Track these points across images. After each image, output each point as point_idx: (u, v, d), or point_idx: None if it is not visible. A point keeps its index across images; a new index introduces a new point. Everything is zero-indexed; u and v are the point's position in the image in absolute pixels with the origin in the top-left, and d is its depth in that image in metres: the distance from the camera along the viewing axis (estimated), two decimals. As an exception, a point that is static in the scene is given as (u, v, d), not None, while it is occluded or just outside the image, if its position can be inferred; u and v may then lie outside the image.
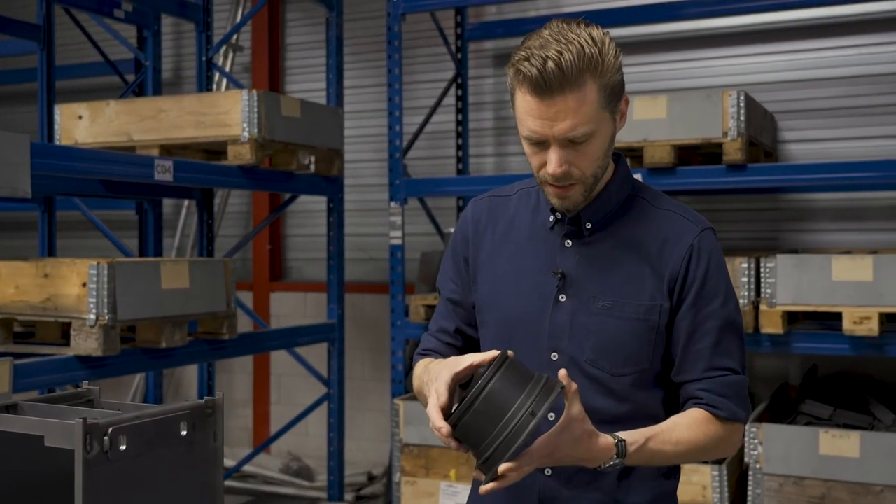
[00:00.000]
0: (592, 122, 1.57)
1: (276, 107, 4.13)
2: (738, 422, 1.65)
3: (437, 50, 5.80)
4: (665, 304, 1.64)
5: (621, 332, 1.63)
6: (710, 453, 1.66)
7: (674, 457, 1.61)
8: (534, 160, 1.63)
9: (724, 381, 1.64)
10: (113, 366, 3.41)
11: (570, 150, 1.58)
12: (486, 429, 1.42)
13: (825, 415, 4.32)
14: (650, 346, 1.64)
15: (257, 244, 6.50)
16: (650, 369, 1.66)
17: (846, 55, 5.01)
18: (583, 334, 1.62)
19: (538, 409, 1.40)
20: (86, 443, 1.35)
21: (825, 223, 5.10)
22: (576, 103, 1.54)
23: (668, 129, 4.15)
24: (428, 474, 4.60)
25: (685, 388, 1.66)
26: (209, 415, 1.57)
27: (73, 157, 3.51)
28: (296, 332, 4.82)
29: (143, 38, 5.38)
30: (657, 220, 1.68)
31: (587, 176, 1.61)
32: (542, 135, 1.57)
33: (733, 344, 1.66)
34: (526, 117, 1.58)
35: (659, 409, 1.68)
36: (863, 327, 3.80)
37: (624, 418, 1.62)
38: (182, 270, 3.62)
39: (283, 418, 6.01)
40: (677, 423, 1.62)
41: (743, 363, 1.67)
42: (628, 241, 1.67)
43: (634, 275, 1.65)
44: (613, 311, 1.64)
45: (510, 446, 1.40)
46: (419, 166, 5.70)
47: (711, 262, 1.66)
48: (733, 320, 1.67)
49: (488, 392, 1.42)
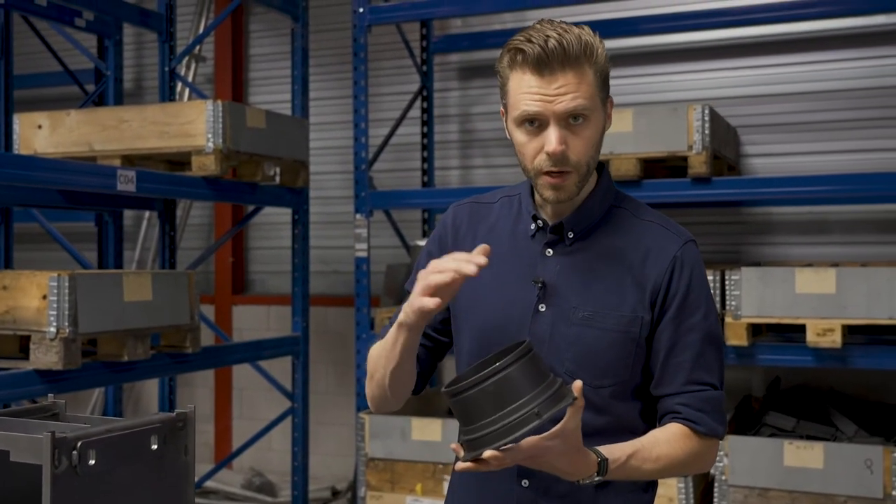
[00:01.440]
0: (591, 100, 1.58)
1: (241, 117, 4.09)
2: (715, 437, 1.64)
3: (402, 62, 5.79)
4: (646, 316, 1.63)
5: (601, 343, 1.62)
6: (688, 469, 1.64)
7: (653, 473, 1.60)
8: (528, 148, 1.61)
9: (702, 395, 1.63)
10: (73, 380, 3.33)
11: (567, 131, 1.58)
12: (487, 411, 1.39)
13: (789, 426, 4.36)
14: (630, 357, 1.63)
15: (219, 257, 6.43)
16: (630, 381, 1.64)
17: (807, 71, 5.09)
18: (562, 345, 1.61)
19: (544, 412, 1.37)
20: (54, 457, 1.31)
21: (788, 236, 5.16)
22: (576, 80, 1.56)
23: (634, 142, 4.18)
24: (394, 489, 4.56)
25: (664, 401, 1.65)
26: (180, 428, 1.54)
27: (33, 166, 3.43)
28: (260, 346, 4.76)
29: (104, 48, 5.30)
30: (640, 231, 1.68)
31: (581, 164, 1.61)
32: (542, 112, 1.56)
33: (713, 358, 1.65)
34: (523, 97, 1.58)
35: (637, 421, 1.67)
36: (826, 339, 3.83)
37: (602, 430, 1.61)
38: (145, 283, 3.56)
39: (246, 433, 5.93)
40: (658, 438, 1.60)
41: (722, 378, 1.66)
42: (610, 251, 1.66)
43: (616, 285, 1.64)
44: (594, 321, 1.62)
45: (504, 437, 1.38)
46: (385, 179, 5.68)
47: (694, 275, 1.65)
48: (714, 334, 1.66)
49: (503, 377, 1.39)
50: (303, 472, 4.81)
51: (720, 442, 4.01)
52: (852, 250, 4.98)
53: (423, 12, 4.86)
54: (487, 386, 1.39)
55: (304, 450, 4.80)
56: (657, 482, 1.75)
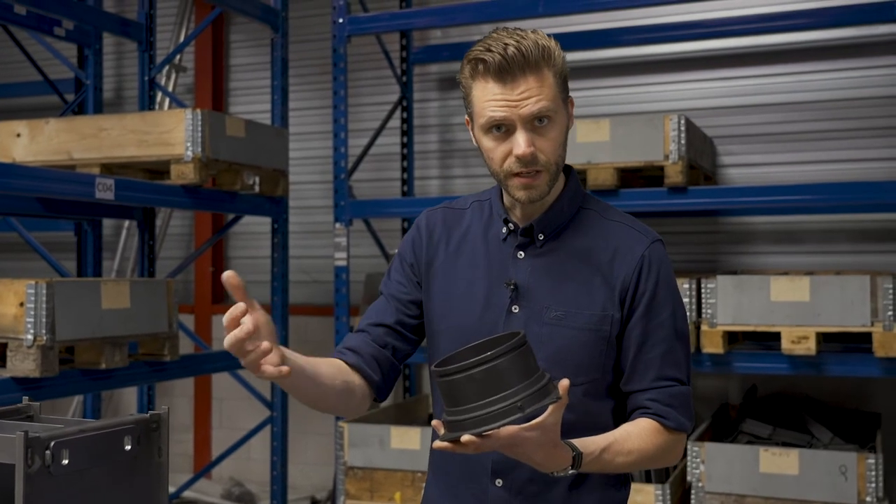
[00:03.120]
0: (553, 102, 1.62)
1: (220, 126, 4.10)
2: (683, 431, 1.68)
3: (382, 73, 5.82)
4: (616, 315, 1.66)
5: (573, 343, 1.65)
6: (657, 462, 1.68)
7: (625, 466, 1.63)
8: (496, 153, 1.64)
9: (671, 391, 1.67)
10: (51, 387, 3.32)
11: (534, 133, 1.62)
12: (471, 397, 1.41)
13: (765, 434, 4.40)
14: (602, 356, 1.66)
15: (199, 266, 6.41)
16: (602, 379, 1.68)
17: (783, 82, 5.15)
18: (535, 344, 1.63)
19: (527, 407, 1.40)
20: (27, 457, 1.32)
21: (763, 245, 5.21)
22: (538, 83, 1.61)
23: (611, 152, 4.21)
24: (373, 497, 4.56)
25: (633, 397, 1.69)
26: (154, 429, 1.54)
27: (11, 174, 3.43)
28: (239, 355, 4.75)
29: (84, 57, 5.31)
30: (608, 232, 1.72)
31: (551, 163, 1.64)
32: (508, 118, 1.60)
33: (681, 354, 1.69)
34: (488, 105, 1.61)
35: (608, 418, 1.70)
36: (801, 346, 3.88)
37: (575, 428, 1.63)
38: (123, 290, 3.56)
39: (226, 443, 5.92)
40: (630, 432, 1.64)
41: (689, 373, 1.71)
42: (580, 252, 1.70)
43: (586, 285, 1.67)
44: (565, 321, 1.66)
45: (484, 425, 1.40)
46: (364, 188, 5.70)
47: (661, 273, 1.69)
48: (682, 331, 1.70)
49: (492, 367, 1.41)
50: (282, 481, 4.80)
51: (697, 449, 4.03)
52: (827, 259, 5.04)
53: (403, 23, 4.90)
54: (476, 373, 1.41)
55: (283, 459, 4.80)
56: (630, 481, 1.78)
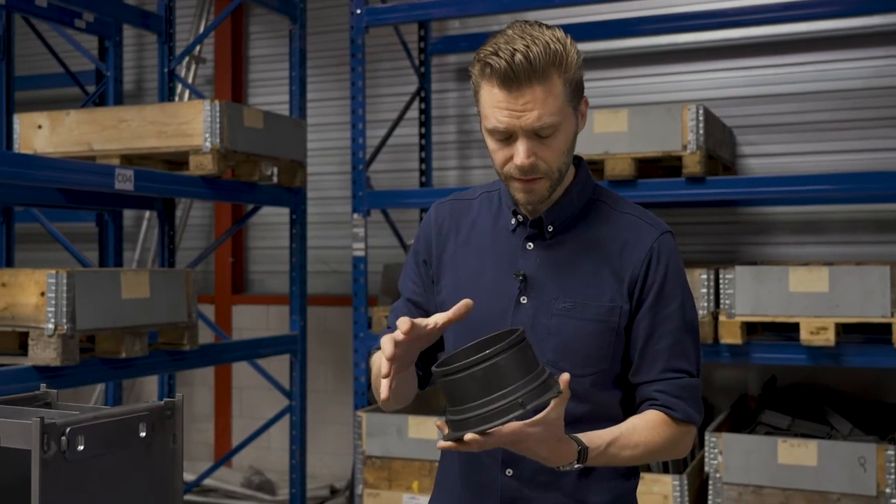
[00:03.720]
0: (558, 114, 1.59)
1: (238, 117, 4.12)
2: (691, 423, 1.68)
3: (400, 63, 5.82)
4: (625, 306, 1.66)
5: (582, 334, 1.65)
6: (665, 454, 1.68)
7: (631, 459, 1.63)
8: (499, 155, 1.64)
9: (679, 383, 1.67)
10: (71, 376, 3.36)
11: (536, 142, 1.60)
12: (473, 395, 1.42)
13: (783, 425, 4.38)
14: (609, 347, 1.66)
15: (219, 257, 6.46)
16: (609, 370, 1.68)
17: (803, 72, 5.11)
18: (544, 335, 1.64)
19: (528, 402, 1.40)
20: (43, 443, 1.34)
21: (783, 236, 5.18)
22: (543, 94, 1.57)
23: (629, 142, 4.20)
24: (391, 486, 4.58)
25: (641, 388, 1.69)
26: (168, 416, 1.56)
27: (32, 164, 3.47)
28: (257, 344, 4.79)
29: (104, 49, 5.34)
30: (617, 224, 1.71)
31: (553, 170, 1.63)
32: (510, 126, 1.59)
33: (690, 346, 1.69)
34: (493, 110, 1.60)
35: (617, 409, 1.71)
36: (819, 337, 3.86)
37: (584, 418, 1.64)
38: (142, 280, 3.59)
39: (245, 432, 5.96)
40: (636, 426, 1.64)
41: (698, 366, 1.70)
42: (589, 243, 1.69)
43: (595, 277, 1.67)
44: (574, 312, 1.66)
45: (486, 423, 1.41)
46: (382, 179, 5.71)
47: (670, 265, 1.68)
48: (691, 322, 1.70)
49: (492, 364, 1.42)
50: (301, 470, 4.83)
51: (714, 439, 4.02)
52: (847, 250, 5.01)
53: (421, 13, 4.89)
54: (476, 371, 1.42)
55: (301, 448, 4.83)
56: (639, 470, 1.79)
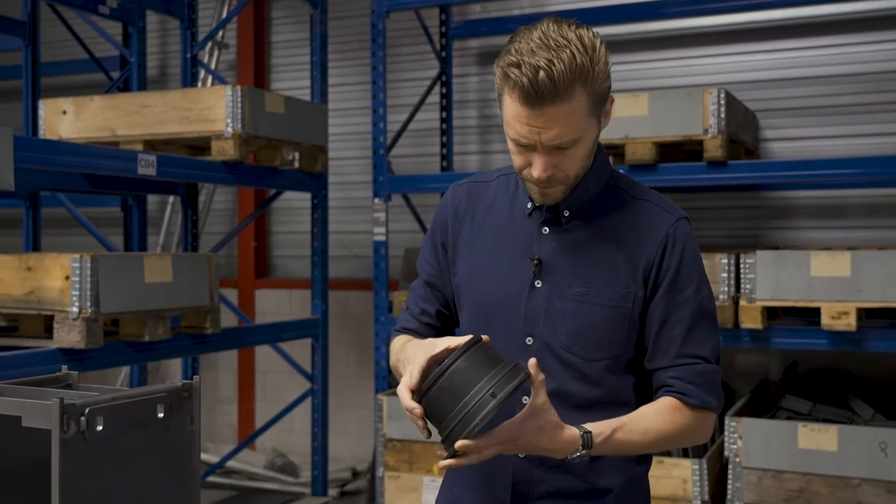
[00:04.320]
0: (579, 130, 1.58)
1: (259, 103, 4.14)
2: (708, 410, 1.67)
3: (421, 48, 5.82)
4: (639, 292, 1.66)
5: (595, 318, 1.65)
6: (680, 441, 1.67)
7: (642, 446, 1.63)
8: (518, 159, 1.64)
9: (695, 369, 1.66)
10: (96, 358, 3.41)
11: (555, 155, 1.60)
12: (448, 406, 1.46)
13: (805, 410, 4.37)
14: (623, 332, 1.67)
15: (242, 241, 6.51)
16: (623, 355, 1.68)
17: (827, 54, 5.07)
18: (557, 320, 1.65)
19: (499, 391, 1.42)
20: (62, 423, 1.37)
21: (806, 220, 5.15)
22: (565, 114, 1.54)
23: (650, 126, 4.19)
24: (411, 469, 4.62)
25: (657, 375, 1.69)
26: (186, 398, 1.59)
27: (56, 150, 3.52)
28: (279, 328, 4.84)
29: (128, 35, 5.39)
30: (633, 210, 1.71)
31: (570, 177, 1.64)
32: (530, 140, 1.58)
33: (706, 332, 1.68)
34: (514, 122, 1.59)
35: (631, 394, 1.71)
36: (841, 322, 3.84)
37: (597, 403, 1.65)
38: (165, 264, 3.64)
39: (269, 415, 6.02)
40: (646, 412, 1.64)
41: (716, 352, 1.69)
42: (605, 229, 1.69)
43: (610, 262, 1.67)
44: (588, 297, 1.66)
45: (468, 424, 1.44)
46: (404, 164, 5.73)
47: (686, 251, 1.68)
48: (706, 309, 1.69)
49: (453, 370, 1.46)
50: (322, 452, 4.88)
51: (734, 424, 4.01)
52: (870, 234, 4.97)
53: (442, -2, 4.89)
54: (442, 382, 1.46)
55: (323, 430, 4.88)
56: (651, 455, 1.79)
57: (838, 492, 3.84)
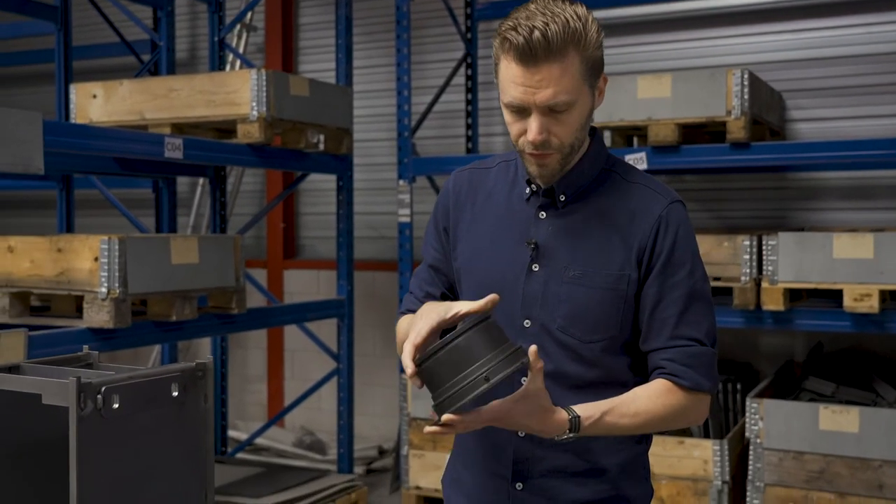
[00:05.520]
0: (573, 92, 1.62)
1: (284, 86, 4.19)
2: (702, 392, 1.69)
3: (446, 30, 5.84)
4: (633, 274, 1.69)
5: (591, 301, 1.69)
6: (673, 423, 1.69)
7: (632, 428, 1.66)
8: (514, 128, 1.68)
9: (688, 351, 1.68)
10: (124, 338, 3.50)
11: (550, 118, 1.64)
12: (443, 378, 1.49)
13: (828, 391, 4.37)
14: (619, 314, 1.70)
15: (271, 222, 6.59)
16: (619, 336, 1.71)
17: (855, 34, 5.01)
18: (554, 302, 1.68)
19: (493, 376, 1.46)
20: (79, 400, 1.43)
21: (832, 202, 5.12)
22: (559, 72, 1.60)
23: (673, 107, 4.19)
24: (435, 447, 4.68)
25: (651, 357, 1.71)
26: (200, 377, 1.64)
27: (85, 134, 3.59)
28: (305, 308, 4.91)
29: (157, 19, 5.46)
30: (628, 194, 1.74)
31: (565, 145, 1.67)
32: (524, 102, 1.62)
33: (700, 314, 1.70)
34: (509, 84, 1.64)
35: (628, 374, 1.74)
36: (863, 304, 3.83)
37: (594, 383, 1.68)
38: (191, 246, 3.71)
39: (297, 393, 6.11)
40: (638, 394, 1.67)
41: (710, 334, 1.71)
42: (599, 212, 1.73)
43: (604, 245, 1.70)
44: (584, 280, 1.69)
45: (456, 401, 1.48)
46: (429, 145, 5.76)
47: (679, 234, 1.70)
48: (700, 290, 1.71)
49: (455, 345, 1.49)
50: (348, 430, 4.96)
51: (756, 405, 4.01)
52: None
53: (466, -21, 4.91)
54: (443, 355, 1.50)
55: (349, 409, 4.95)
56: (651, 435, 1.82)
57: (859, 473, 3.85)
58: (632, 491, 1.77)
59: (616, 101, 4.24)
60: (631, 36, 5.48)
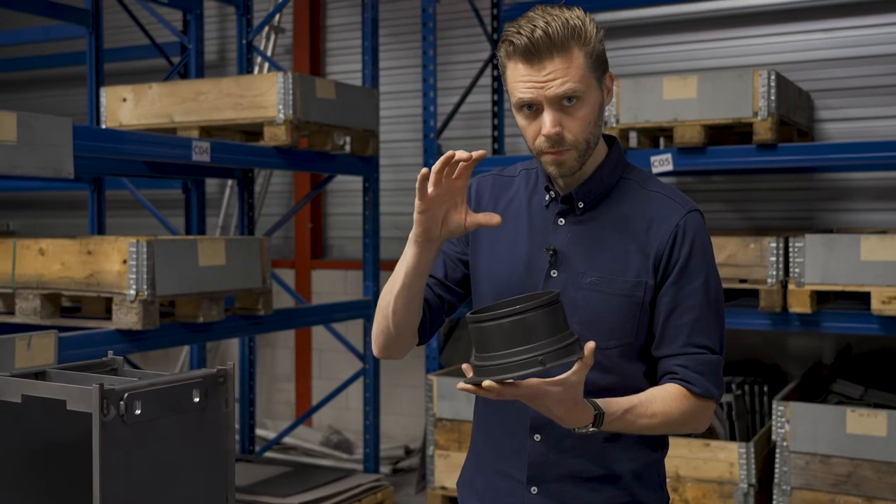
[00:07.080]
0: (581, 82, 1.66)
1: (310, 89, 4.23)
2: (710, 399, 1.72)
3: (473, 30, 5.85)
4: (650, 282, 1.72)
5: (607, 307, 1.71)
6: (681, 427, 1.72)
7: (648, 427, 1.68)
8: (528, 131, 1.71)
9: (700, 358, 1.71)
10: (152, 339, 3.54)
11: (562, 113, 1.67)
12: (498, 345, 1.50)
13: (856, 394, 4.33)
14: (634, 320, 1.72)
15: (299, 223, 6.63)
16: (634, 343, 1.74)
17: (884, 33, 4.96)
18: (571, 308, 1.70)
19: (547, 361, 1.47)
20: (102, 407, 1.47)
21: (862, 203, 5.07)
22: (564, 64, 1.65)
23: (699, 108, 4.17)
24: (460, 448, 4.70)
25: (663, 362, 1.74)
26: (221, 383, 1.68)
27: (114, 138, 3.64)
28: (331, 309, 4.94)
29: (187, 22, 5.52)
30: (646, 202, 1.76)
31: (580, 141, 1.69)
32: (534, 98, 1.66)
33: (712, 323, 1.73)
34: (518, 86, 1.68)
35: (642, 380, 1.76)
36: (891, 307, 3.79)
37: (610, 388, 1.70)
38: (219, 248, 3.75)
39: (324, 392, 6.16)
40: (655, 395, 1.69)
41: (721, 343, 1.74)
42: (617, 220, 1.75)
43: (621, 252, 1.73)
44: (601, 286, 1.72)
45: (505, 372, 1.48)
46: (456, 146, 5.76)
47: (696, 243, 1.72)
48: (714, 300, 1.74)
49: (520, 319, 1.49)
50: (374, 430, 4.99)
51: (782, 408, 3.98)
52: (929, 217, 4.88)
53: (492, -20, 4.92)
54: (505, 323, 1.49)
55: (375, 409, 4.98)
56: (667, 442, 1.84)
57: (887, 477, 3.81)
58: (647, 498, 1.78)
59: (642, 102, 4.23)
60: (657, 36, 5.47)
